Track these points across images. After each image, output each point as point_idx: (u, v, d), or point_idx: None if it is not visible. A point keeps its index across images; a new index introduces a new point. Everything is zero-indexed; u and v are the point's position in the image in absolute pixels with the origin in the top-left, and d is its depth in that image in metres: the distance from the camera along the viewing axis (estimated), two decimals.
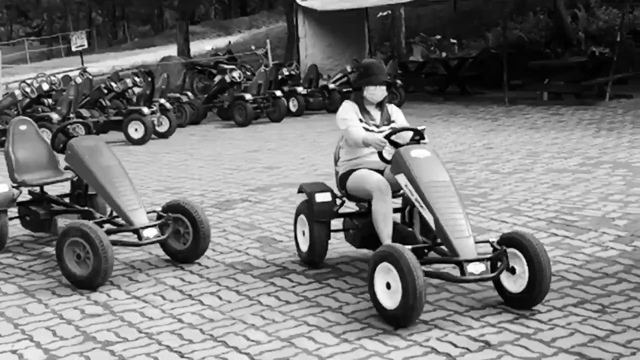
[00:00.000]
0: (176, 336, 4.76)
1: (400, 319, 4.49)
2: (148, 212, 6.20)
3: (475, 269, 4.60)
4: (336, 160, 5.98)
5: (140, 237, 5.96)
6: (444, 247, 4.93)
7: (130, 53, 40.91)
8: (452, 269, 5.02)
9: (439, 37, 20.47)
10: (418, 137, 5.31)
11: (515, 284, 4.75)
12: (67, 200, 7.05)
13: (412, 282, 4.29)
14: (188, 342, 4.66)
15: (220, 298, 5.43)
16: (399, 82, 16.83)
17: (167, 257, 6.36)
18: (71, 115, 13.39)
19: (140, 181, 9.79)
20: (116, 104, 14.85)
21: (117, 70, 21.33)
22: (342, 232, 6.01)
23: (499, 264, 4.72)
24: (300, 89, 16.73)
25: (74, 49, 24.72)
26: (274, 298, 5.37)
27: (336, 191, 5.88)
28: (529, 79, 17.15)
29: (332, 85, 17.06)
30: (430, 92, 18.65)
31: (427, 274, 4.56)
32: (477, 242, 4.87)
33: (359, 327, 4.75)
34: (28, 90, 15.05)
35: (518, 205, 7.57)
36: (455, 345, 4.31)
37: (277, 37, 28.94)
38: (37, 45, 54.43)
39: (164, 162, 11.66)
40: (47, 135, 7.49)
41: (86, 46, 24.73)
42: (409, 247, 4.67)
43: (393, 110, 5.86)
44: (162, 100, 14.73)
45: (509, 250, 4.74)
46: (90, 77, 17.42)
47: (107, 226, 6.20)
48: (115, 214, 6.29)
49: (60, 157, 6.99)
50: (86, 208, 6.71)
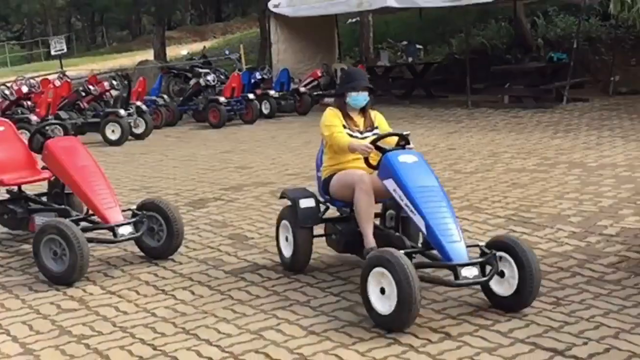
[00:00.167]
0: (149, 329, 4.74)
1: (395, 324, 4.33)
2: (123, 211, 6.18)
3: (469, 272, 4.47)
4: (318, 166, 5.82)
5: (115, 235, 5.94)
6: (434, 252, 4.78)
7: (108, 57, 40.71)
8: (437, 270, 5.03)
9: (405, 43, 20.52)
10: (403, 142, 5.19)
11: (503, 287, 4.63)
12: (44, 199, 6.98)
13: (409, 288, 4.14)
14: (161, 335, 4.64)
15: (193, 293, 5.42)
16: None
17: (142, 254, 6.33)
18: (49, 117, 13.31)
19: (117, 180, 9.73)
20: (94, 106, 14.77)
21: (95, 73, 21.15)
22: (323, 237, 5.77)
23: (489, 267, 4.59)
24: (272, 92, 16.73)
25: (53, 53, 24.56)
26: (244, 292, 5.37)
27: (319, 197, 5.71)
28: (490, 83, 17.22)
29: (303, 89, 17.09)
30: (397, 95, 18.71)
31: (421, 278, 4.40)
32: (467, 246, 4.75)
33: (326, 319, 4.76)
34: (7, 92, 14.98)
35: (479, 203, 7.62)
36: (417, 337, 4.32)
37: (250, 42, 28.91)
38: (18, 49, 54.04)
39: (140, 162, 11.61)
40: (25, 137, 7.41)
41: (65, 50, 24.62)
42: (402, 252, 4.50)
43: (376, 116, 5.74)
44: (138, 103, 14.70)
45: (498, 253, 4.61)
46: (69, 80, 17.28)
47: (83, 224, 6.16)
48: (91, 212, 6.25)
49: (38, 157, 6.94)
50: (63, 206, 6.64)
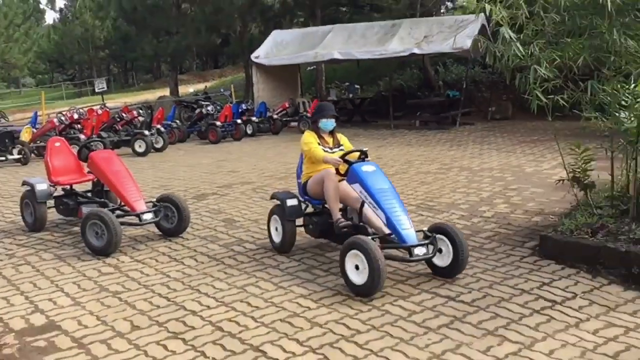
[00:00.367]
0: (165, 287, 4.70)
1: (367, 291, 4.20)
2: (146, 202, 6.10)
3: (420, 251, 4.41)
4: (299, 174, 5.57)
5: (140, 219, 5.89)
6: (392, 237, 4.60)
7: (137, 93, 39.97)
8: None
9: (347, 83, 20.52)
10: (363, 156, 5.05)
11: (442, 260, 4.57)
12: (89, 194, 6.86)
13: (377, 263, 4.07)
14: (173, 290, 4.61)
15: (196, 260, 5.38)
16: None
17: (160, 233, 6.26)
18: (93, 136, 13.10)
19: (142, 181, 9.58)
20: (126, 128, 14.56)
21: (127, 104, 20.80)
22: (302, 227, 5.52)
23: (431, 247, 4.52)
24: (254, 118, 16.58)
25: (97, 90, 24.02)
26: (233, 260, 5.34)
27: (300, 198, 5.48)
28: (406, 112, 17.31)
29: (275, 116, 17.00)
30: (342, 120, 18.65)
31: (386, 256, 4.29)
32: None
33: (290, 278, 4.78)
34: (63, 118, 14.70)
35: None
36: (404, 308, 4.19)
37: (238, 83, 28.62)
38: (71, 88, 52.91)
39: (159, 168, 11.45)
40: (75, 150, 7.29)
41: (106, 88, 24.09)
42: (370, 237, 4.45)
43: (341, 137, 5.53)
44: (158, 126, 14.53)
45: (437, 236, 4.56)
46: (108, 109, 16.96)
47: (117, 212, 6.06)
48: (123, 203, 6.17)
49: (84, 165, 6.83)
50: (102, 200, 6.56)
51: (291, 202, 5.34)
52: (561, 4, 4.93)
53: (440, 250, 4.58)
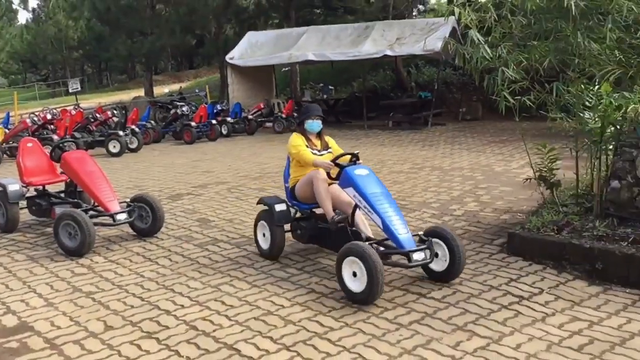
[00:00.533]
0: (139, 286, 4.66)
1: (366, 299, 4.00)
2: (120, 202, 6.03)
3: (418, 256, 4.19)
4: (286, 178, 5.34)
5: (114, 220, 5.82)
6: (389, 242, 4.41)
7: (111, 94, 39.40)
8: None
9: (322, 84, 20.56)
10: (355, 159, 4.84)
11: (438, 265, 4.38)
12: (62, 195, 6.75)
13: (375, 271, 3.87)
14: (147, 290, 4.57)
15: (171, 260, 5.34)
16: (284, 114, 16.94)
17: (134, 233, 6.19)
18: (67, 137, 12.90)
19: (116, 181, 9.48)
20: (100, 128, 14.36)
21: (101, 105, 20.50)
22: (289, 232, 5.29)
23: (429, 251, 4.28)
24: (229, 119, 16.48)
25: (70, 90, 23.67)
26: (207, 259, 5.31)
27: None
28: (379, 113, 17.38)
29: (250, 117, 16.94)
30: None
31: (384, 263, 4.10)
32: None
33: (264, 277, 4.78)
34: (36, 119, 14.44)
35: None
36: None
37: (213, 84, 28.44)
38: (44, 88, 51.95)
39: (134, 169, 11.32)
40: (48, 150, 7.16)
41: (80, 89, 23.73)
42: (367, 243, 4.23)
43: (329, 140, 5.33)
44: (133, 126, 14.37)
45: (434, 240, 4.35)
46: (82, 110, 16.70)
47: (91, 213, 5.97)
48: (96, 204, 6.09)
49: (57, 165, 6.73)
50: (76, 200, 6.46)
51: (280, 207, 5.10)
52: (528, 7, 5.02)
53: (436, 255, 4.38)
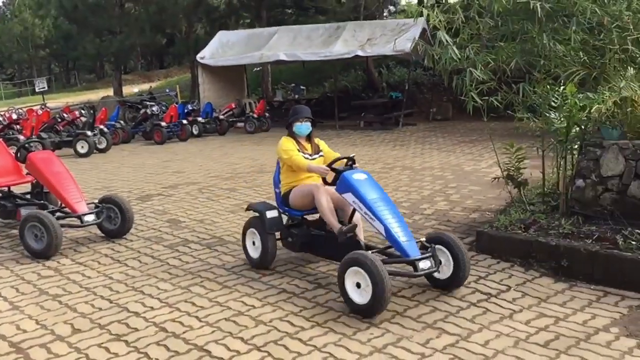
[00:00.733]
0: (107, 289, 4.59)
1: (371, 311, 3.80)
2: (88, 204, 5.94)
3: (424, 265, 3.99)
4: (276, 183, 5.05)
5: (82, 221, 5.73)
6: (390, 250, 4.26)
7: (80, 93, 38.80)
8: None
9: (293, 84, 20.54)
10: (351, 162, 4.64)
11: (441, 272, 4.18)
12: (28, 196, 6.61)
13: (381, 281, 3.66)
14: (116, 292, 4.51)
15: (140, 261, 5.27)
16: (265, 115, 16.91)
17: (102, 235, 6.09)
18: (33, 137, 12.65)
19: (85, 182, 9.33)
20: (67, 128, 14.11)
21: (69, 104, 20.14)
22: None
23: (433, 259, 4.09)
24: (200, 119, 16.36)
25: (37, 90, 23.30)
26: (177, 260, 5.27)
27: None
28: (351, 113, 17.42)
29: (222, 117, 16.83)
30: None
31: (389, 272, 3.85)
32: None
33: (235, 277, 4.76)
34: (1, 119, 14.16)
35: None
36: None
37: (184, 83, 28.21)
38: (10, 87, 50.88)
39: (102, 169, 11.14)
40: (13, 151, 7.02)
41: (46, 88, 23.34)
42: (370, 252, 4.01)
43: (320, 142, 5.03)
44: (101, 126, 14.15)
45: (437, 246, 4.17)
46: (48, 109, 16.41)
47: (58, 214, 5.87)
48: (63, 205, 5.98)
49: (23, 166, 6.58)
50: (42, 202, 6.35)
51: (271, 213, 4.84)
52: (495, 9, 5.11)
53: (439, 262, 4.18)
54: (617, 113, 4.87)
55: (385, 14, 25.68)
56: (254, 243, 4.95)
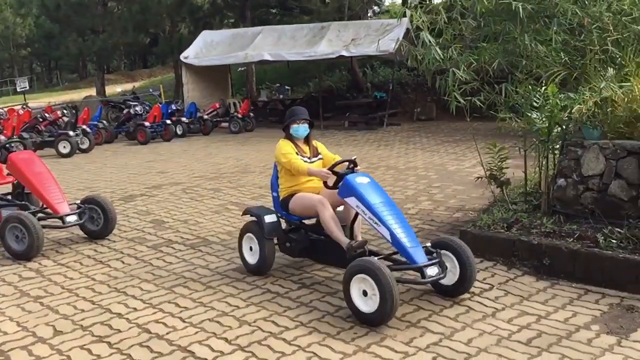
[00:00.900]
0: (90, 290, 4.55)
1: (378, 320, 3.66)
2: (70, 204, 5.88)
3: (432, 271, 3.87)
4: (274, 186, 4.87)
5: (63, 222, 5.68)
6: (396, 256, 4.16)
7: (62, 93, 38.36)
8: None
9: (278, 84, 20.49)
10: (352, 165, 4.50)
11: (447, 278, 4.03)
12: (9, 197, 6.53)
13: (389, 289, 3.54)
14: (98, 294, 4.47)
15: (123, 262, 5.24)
16: (251, 114, 16.89)
17: (85, 236, 6.04)
18: (15, 137, 12.50)
19: (67, 183, 9.24)
20: (49, 128, 13.96)
21: (51, 104, 19.91)
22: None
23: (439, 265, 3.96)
24: (184, 119, 16.27)
25: (18, 89, 22.99)
26: (161, 261, 5.24)
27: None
28: (336, 113, 17.42)
29: (206, 116, 16.75)
30: (272, 121, 18.60)
31: (397, 280, 3.75)
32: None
33: (219, 277, 4.74)
34: None
35: None
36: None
37: (168, 83, 28.02)
38: None
39: (85, 170, 11.04)
40: None
41: (28, 88, 23.03)
42: (376, 258, 3.89)
43: (318, 144, 4.92)
44: (84, 126, 14.02)
45: (442, 252, 4.04)
46: (30, 109, 16.19)
47: (39, 215, 5.81)
48: (45, 206, 5.91)
49: (4, 167, 6.51)
50: (23, 202, 6.25)
51: (269, 218, 4.68)
52: (477, 10, 5.15)
53: (446, 268, 4.05)
54: (598, 113, 4.93)
55: (369, 14, 25.73)
56: (251, 248, 4.79)
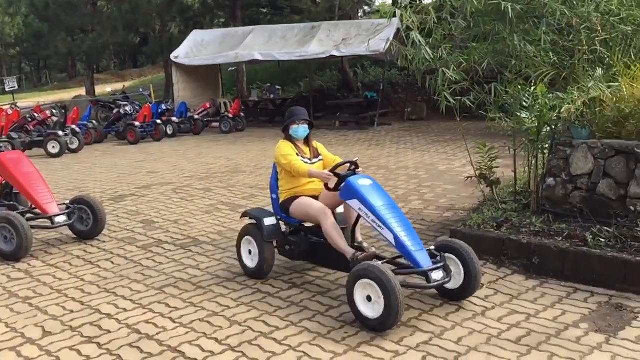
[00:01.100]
0: (79, 291, 4.53)
1: (383, 325, 3.58)
2: (59, 204, 5.85)
3: (437, 275, 3.79)
4: (273, 188, 4.77)
5: (52, 222, 5.66)
6: (399, 260, 4.11)
7: (51, 93, 38.09)
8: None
9: (269, 84, 20.46)
10: (354, 167, 4.40)
11: (451, 282, 3.95)
12: None
13: (394, 294, 3.46)
14: (88, 294, 4.45)
15: (113, 262, 5.21)
16: (241, 114, 16.84)
17: (74, 236, 6.01)
18: (3, 137, 12.41)
19: (56, 183, 9.19)
20: (38, 128, 13.86)
21: (40, 104, 19.76)
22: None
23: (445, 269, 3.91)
24: (174, 119, 16.20)
25: (7, 89, 22.73)
26: (151, 261, 5.22)
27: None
28: (326, 112, 17.43)
29: (196, 116, 16.70)
30: (263, 121, 18.60)
31: (402, 284, 3.64)
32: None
33: (209, 277, 4.74)
34: None
35: None
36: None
37: (158, 83, 27.90)
38: None
39: (74, 170, 10.98)
40: None
41: (17, 87, 22.79)
42: (381, 262, 3.85)
43: (319, 146, 4.83)
44: (73, 126, 13.94)
45: (446, 255, 3.96)
46: (18, 109, 16.06)
47: (28, 215, 5.78)
48: (34, 206, 5.88)
49: None
50: (12, 203, 6.21)
51: (269, 221, 4.60)
52: (467, 10, 5.16)
53: (450, 271, 3.96)
54: (586, 113, 4.97)
55: (360, 14, 25.75)
56: (250, 252, 4.69)
